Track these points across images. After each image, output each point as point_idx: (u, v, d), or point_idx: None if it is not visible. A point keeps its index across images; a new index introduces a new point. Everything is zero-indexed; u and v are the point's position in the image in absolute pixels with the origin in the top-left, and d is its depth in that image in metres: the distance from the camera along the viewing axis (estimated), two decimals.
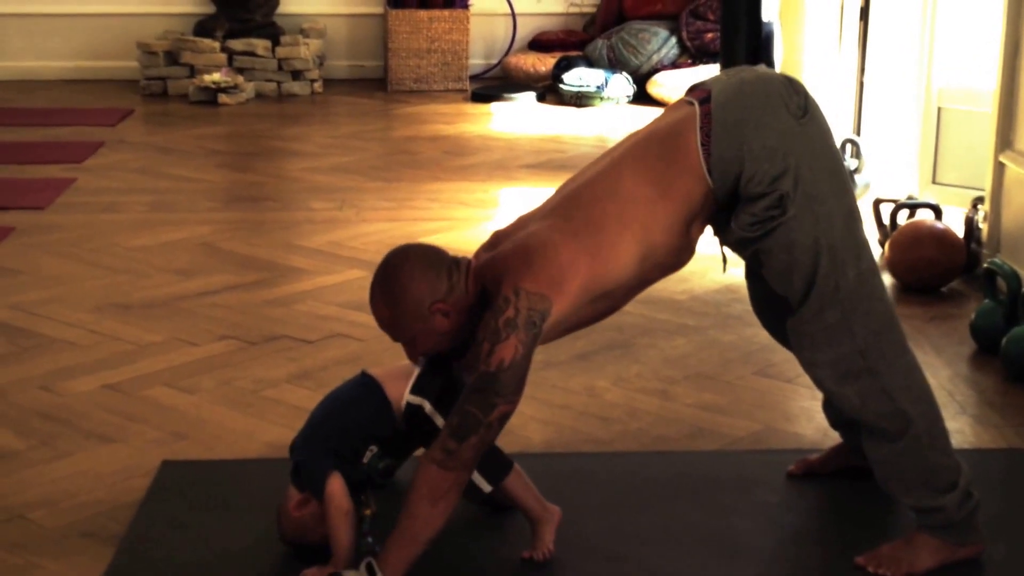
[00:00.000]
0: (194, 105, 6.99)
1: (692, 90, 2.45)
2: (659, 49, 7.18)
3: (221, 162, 5.91)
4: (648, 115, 6.58)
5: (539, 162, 5.80)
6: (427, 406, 2.47)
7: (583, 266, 2.31)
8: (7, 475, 2.83)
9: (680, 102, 2.45)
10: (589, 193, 2.38)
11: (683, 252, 2.42)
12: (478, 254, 2.45)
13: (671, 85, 6.89)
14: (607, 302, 2.40)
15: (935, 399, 2.46)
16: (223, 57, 7.21)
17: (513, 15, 7.76)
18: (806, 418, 3.13)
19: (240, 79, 7.09)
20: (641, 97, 7.06)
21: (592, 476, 2.81)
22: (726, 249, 2.50)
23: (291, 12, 7.61)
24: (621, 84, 7.01)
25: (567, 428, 3.08)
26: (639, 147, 2.41)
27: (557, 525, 2.50)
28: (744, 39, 5.65)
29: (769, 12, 6.04)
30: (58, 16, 7.57)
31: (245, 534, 2.57)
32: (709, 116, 2.35)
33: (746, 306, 2.71)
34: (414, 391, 2.48)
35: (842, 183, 2.39)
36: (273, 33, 7.36)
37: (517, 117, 6.79)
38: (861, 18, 5.23)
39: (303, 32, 7.48)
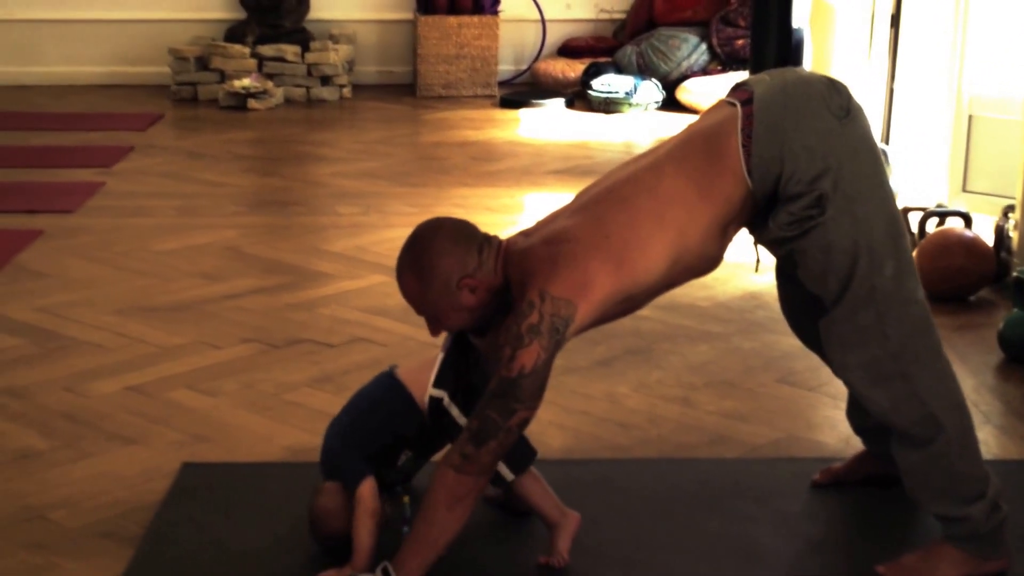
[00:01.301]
0: (224, 110, 7.02)
1: (734, 90, 2.43)
2: (689, 55, 7.16)
3: (249, 167, 5.93)
4: (677, 121, 6.57)
5: (566, 168, 5.79)
6: (445, 398, 2.46)
7: (610, 271, 2.29)
8: (30, 475, 2.85)
9: (722, 103, 2.43)
10: (628, 190, 2.35)
11: (714, 261, 2.40)
12: (515, 239, 2.41)
13: (700, 92, 6.87)
14: (629, 304, 2.38)
15: (967, 407, 2.43)
16: (253, 63, 7.24)
17: (543, 21, 7.75)
18: (828, 426, 3.11)
19: (269, 84, 7.11)
20: (670, 104, 7.04)
21: (611, 483, 2.80)
22: (760, 249, 2.47)
23: (321, 18, 7.63)
24: (650, 90, 6.99)
25: (587, 434, 3.07)
26: (681, 147, 2.39)
27: (575, 531, 2.49)
28: (774, 45, 5.63)
29: (799, 19, 6.03)
30: (91, 22, 7.62)
31: (264, 537, 2.57)
32: (751, 117, 2.33)
33: (769, 313, 2.69)
34: (436, 384, 2.48)
35: (883, 184, 2.36)
36: (303, 39, 7.38)
37: (545, 123, 6.79)
38: (892, 24, 5.19)
39: (332, 38, 7.50)
